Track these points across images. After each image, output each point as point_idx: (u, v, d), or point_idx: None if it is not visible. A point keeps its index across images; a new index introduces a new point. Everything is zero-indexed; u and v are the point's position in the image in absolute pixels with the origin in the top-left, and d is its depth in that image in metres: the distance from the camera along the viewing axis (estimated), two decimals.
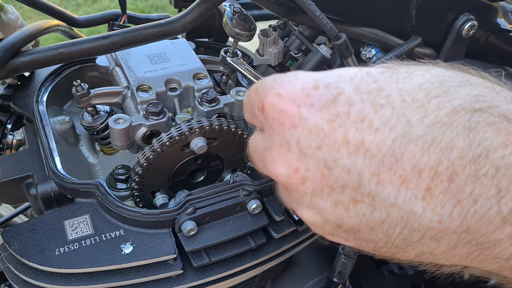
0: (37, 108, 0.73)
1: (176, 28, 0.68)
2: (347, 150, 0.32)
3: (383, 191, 0.32)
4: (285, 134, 0.35)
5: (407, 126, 0.31)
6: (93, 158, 0.77)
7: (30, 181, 0.66)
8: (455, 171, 0.29)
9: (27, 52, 0.64)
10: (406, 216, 0.31)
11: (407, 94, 0.32)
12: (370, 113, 0.32)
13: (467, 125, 0.29)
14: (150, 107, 0.65)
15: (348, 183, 0.33)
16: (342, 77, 0.34)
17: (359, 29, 0.87)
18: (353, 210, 0.34)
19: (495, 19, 0.97)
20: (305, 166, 0.34)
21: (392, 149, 0.31)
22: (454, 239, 0.31)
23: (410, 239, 0.33)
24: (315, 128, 0.33)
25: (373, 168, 0.31)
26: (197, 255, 0.63)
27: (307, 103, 0.34)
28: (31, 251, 0.59)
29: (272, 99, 0.35)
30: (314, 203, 0.35)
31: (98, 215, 0.63)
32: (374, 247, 0.36)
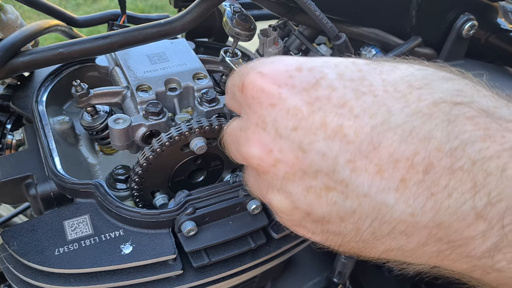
0: (37, 108, 0.73)
1: (176, 28, 0.68)
2: (324, 134, 0.31)
3: (357, 179, 0.31)
4: (262, 113, 0.34)
5: (387, 115, 0.30)
6: (93, 158, 0.77)
7: (30, 181, 0.66)
8: (431, 163, 0.29)
9: (26, 52, 0.64)
10: (378, 206, 0.31)
11: (389, 85, 0.32)
12: (351, 100, 0.31)
13: (446, 117, 0.29)
14: (150, 107, 0.65)
15: (322, 168, 0.32)
16: (326, 63, 0.34)
17: (359, 29, 0.87)
18: (325, 197, 0.33)
19: (495, 19, 0.97)
20: (279, 147, 0.33)
21: (370, 136, 0.30)
22: (425, 235, 0.30)
23: (379, 233, 0.32)
24: (294, 109, 0.33)
25: (349, 155, 0.31)
26: (197, 255, 0.63)
27: (288, 84, 0.33)
28: (31, 252, 0.58)
29: (253, 77, 0.35)
30: (285, 187, 0.34)
31: (98, 215, 0.63)
32: (341, 241, 0.35)
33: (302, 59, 0.35)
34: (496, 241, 0.28)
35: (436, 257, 0.32)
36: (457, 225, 0.29)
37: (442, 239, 0.30)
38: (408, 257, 0.33)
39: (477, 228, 0.28)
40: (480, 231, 0.28)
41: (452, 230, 0.29)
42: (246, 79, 0.35)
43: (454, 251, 0.30)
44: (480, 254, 0.29)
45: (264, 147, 0.34)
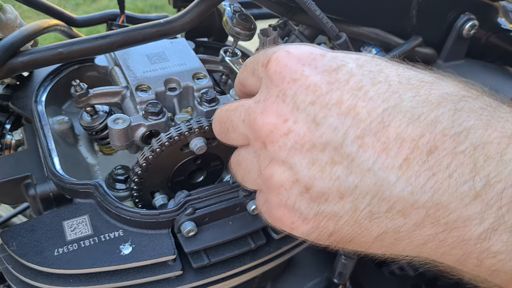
0: (36, 108, 0.73)
1: (175, 27, 0.68)
2: (338, 110, 0.34)
3: (363, 155, 0.32)
4: (284, 86, 0.36)
5: (399, 100, 0.32)
6: (92, 158, 0.76)
7: (29, 182, 0.66)
8: (435, 145, 0.30)
9: (26, 52, 0.64)
10: (379, 183, 0.32)
11: (404, 79, 0.34)
12: (367, 85, 0.34)
13: (453, 107, 0.31)
14: (149, 107, 0.65)
15: (331, 141, 0.34)
16: (348, 55, 0.37)
17: (360, 29, 0.87)
18: (329, 171, 0.34)
19: (495, 19, 0.97)
20: (294, 118, 0.35)
21: (381, 116, 0.32)
22: (422, 215, 0.31)
23: (377, 211, 0.33)
24: (314, 86, 0.35)
25: (359, 131, 0.33)
26: (196, 255, 0.63)
27: (311, 64, 0.36)
28: (30, 252, 0.58)
29: (280, 53, 0.38)
30: (291, 157, 0.36)
31: (97, 215, 0.62)
32: (334, 227, 0.36)
33: (326, 49, 0.38)
34: (493, 222, 0.29)
35: (431, 243, 0.32)
36: (455, 205, 0.30)
37: (438, 221, 0.31)
38: (402, 242, 0.34)
39: (475, 208, 0.29)
40: (478, 211, 0.29)
41: (449, 210, 0.30)
42: (273, 55, 0.38)
43: (450, 234, 0.31)
44: (476, 237, 0.29)
45: (281, 116, 0.36)
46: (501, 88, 0.93)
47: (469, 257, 0.31)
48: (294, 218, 0.37)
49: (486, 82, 0.94)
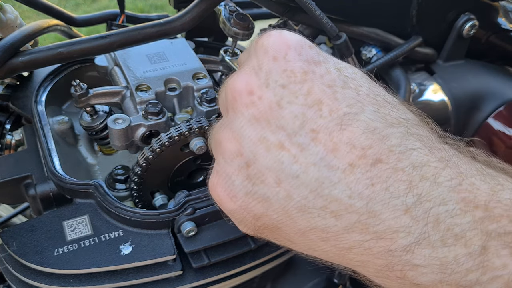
0: (36, 108, 0.73)
1: (175, 27, 0.68)
2: (304, 100, 0.35)
3: (313, 148, 0.33)
4: (263, 60, 0.38)
5: (360, 110, 0.34)
6: (92, 158, 0.76)
7: (29, 182, 0.66)
8: (380, 158, 0.32)
9: (26, 52, 0.64)
10: (321, 180, 0.33)
11: (372, 93, 0.36)
12: (338, 86, 0.35)
13: (405, 130, 0.33)
14: (149, 107, 0.65)
15: (287, 127, 0.34)
16: (333, 58, 0.39)
17: (360, 29, 0.87)
18: (274, 154, 0.34)
19: (496, 19, 0.97)
20: (260, 94, 0.36)
21: (341, 119, 0.33)
22: (353, 220, 0.32)
23: (311, 206, 0.33)
24: (290, 71, 0.36)
25: (316, 125, 0.34)
26: (196, 256, 0.63)
27: (297, 50, 0.37)
28: (30, 252, 0.58)
29: (273, 32, 0.39)
30: (243, 130, 0.36)
31: (97, 215, 0.62)
32: (262, 210, 0.36)
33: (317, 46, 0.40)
34: (418, 236, 0.30)
35: (356, 249, 0.33)
36: (386, 216, 0.31)
37: (368, 229, 0.31)
38: (327, 243, 0.34)
39: (403, 222, 0.30)
40: (405, 225, 0.30)
41: (380, 219, 0.31)
42: (267, 33, 0.39)
43: (377, 243, 0.31)
44: (401, 249, 0.30)
45: (248, 86, 0.37)
46: (501, 88, 0.93)
47: (393, 268, 0.31)
48: (225, 192, 0.37)
49: (486, 82, 0.94)
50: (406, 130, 0.33)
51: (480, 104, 0.93)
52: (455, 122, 0.93)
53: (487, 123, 0.92)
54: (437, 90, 0.93)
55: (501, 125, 0.91)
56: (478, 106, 0.93)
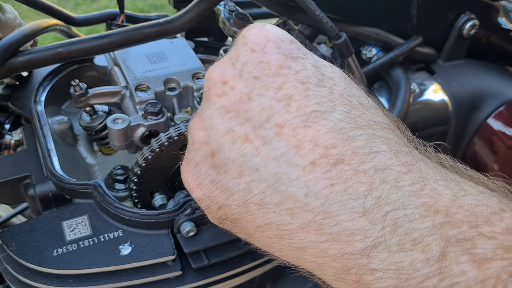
0: (35, 108, 0.73)
1: (175, 27, 0.68)
2: (274, 94, 0.34)
3: (276, 143, 0.33)
4: (241, 51, 0.37)
5: (330, 109, 0.33)
6: (92, 159, 0.76)
7: (28, 182, 0.66)
8: (342, 159, 0.31)
9: (25, 51, 0.64)
10: (279, 175, 0.32)
11: (347, 94, 0.35)
12: (312, 83, 0.35)
13: (372, 133, 0.33)
14: (149, 107, 0.65)
15: (253, 119, 0.34)
16: (314, 55, 0.38)
17: (360, 28, 0.87)
18: (239, 145, 0.34)
19: (496, 19, 0.97)
20: (233, 84, 0.36)
21: (307, 116, 0.33)
22: (308, 219, 0.31)
23: (267, 202, 0.33)
24: (266, 63, 0.36)
25: (282, 120, 0.33)
26: (196, 256, 0.63)
27: (276, 43, 0.37)
28: (29, 252, 0.58)
29: (255, 25, 0.39)
30: (212, 119, 0.36)
31: (97, 216, 0.62)
32: (224, 201, 0.36)
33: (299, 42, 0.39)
34: (374, 239, 0.29)
35: (311, 249, 0.32)
36: (342, 218, 0.30)
37: (323, 229, 0.31)
38: (282, 241, 0.34)
39: (360, 224, 0.30)
40: (362, 228, 0.30)
41: (336, 221, 0.30)
42: (249, 25, 0.39)
43: (333, 246, 0.31)
44: (357, 252, 0.30)
45: (223, 77, 0.37)
46: (501, 88, 0.93)
47: (349, 272, 0.31)
48: (192, 178, 0.38)
49: (486, 82, 0.94)
50: (373, 132, 0.33)
51: (480, 104, 0.93)
52: (455, 122, 0.93)
53: (487, 123, 0.92)
54: (437, 90, 0.93)
55: (501, 125, 0.91)
56: (478, 106, 0.93)
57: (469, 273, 0.26)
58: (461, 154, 0.96)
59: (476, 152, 0.94)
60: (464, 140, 0.95)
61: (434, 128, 0.94)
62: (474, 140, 0.93)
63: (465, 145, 0.95)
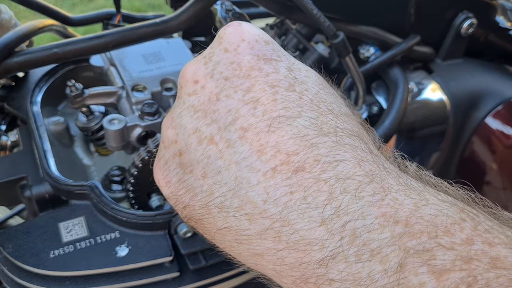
0: (32, 109, 0.72)
1: (171, 27, 0.67)
2: (242, 96, 0.34)
3: (239, 147, 0.32)
4: (214, 50, 0.37)
5: (297, 115, 0.33)
6: (88, 159, 0.76)
7: (25, 183, 0.66)
8: (304, 167, 0.31)
9: (21, 52, 0.63)
10: (240, 179, 0.32)
11: (317, 100, 0.35)
12: (282, 87, 0.34)
13: (337, 140, 0.32)
14: (145, 108, 0.64)
15: (220, 120, 0.34)
16: (290, 58, 0.38)
17: (357, 28, 0.86)
18: (204, 146, 0.34)
19: (494, 17, 0.97)
20: (203, 84, 0.36)
21: (271, 121, 0.32)
22: (266, 226, 0.31)
23: (227, 205, 0.33)
24: (237, 64, 0.36)
25: (247, 124, 0.33)
26: (193, 257, 0.62)
27: (250, 44, 0.36)
28: (26, 254, 0.58)
29: (232, 23, 0.38)
30: (181, 118, 0.36)
31: (93, 217, 0.62)
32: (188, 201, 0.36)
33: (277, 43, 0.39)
34: (332, 250, 0.29)
35: (269, 256, 0.32)
36: (300, 226, 0.30)
37: (281, 237, 0.30)
38: (241, 245, 0.33)
39: (318, 234, 0.29)
40: (320, 238, 0.29)
41: (294, 229, 0.30)
42: (227, 24, 0.39)
43: (291, 254, 0.30)
44: (316, 262, 0.29)
45: (195, 76, 0.37)
46: (500, 87, 0.93)
47: (307, 281, 0.30)
48: (162, 176, 0.38)
49: (485, 81, 0.94)
50: (338, 140, 0.32)
51: (478, 103, 0.93)
52: (454, 121, 0.92)
53: (485, 122, 0.91)
54: (435, 89, 0.93)
55: (499, 124, 0.91)
56: (477, 105, 0.93)
57: (427, 284, 0.26)
58: (459, 153, 0.96)
59: (474, 151, 0.94)
60: (462, 140, 0.94)
61: (433, 128, 0.94)
62: (473, 140, 0.93)
63: (463, 145, 0.94)
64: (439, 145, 0.95)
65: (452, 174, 0.98)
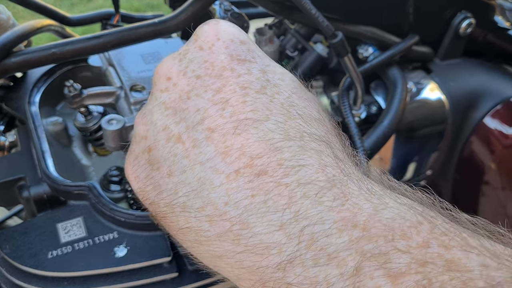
0: (30, 109, 0.72)
1: (170, 27, 0.67)
2: (211, 96, 0.34)
3: (204, 147, 0.32)
4: (189, 48, 0.37)
5: (265, 118, 0.33)
6: (87, 160, 0.76)
7: (23, 184, 0.65)
8: (266, 170, 0.30)
9: (19, 52, 0.63)
10: (203, 180, 0.32)
11: (288, 104, 0.34)
12: (252, 89, 0.34)
13: (302, 145, 0.32)
14: None
15: (188, 119, 0.34)
16: (265, 59, 0.38)
17: (356, 27, 0.86)
18: (172, 144, 0.34)
19: (492, 17, 0.97)
20: (176, 81, 0.36)
21: (238, 123, 0.32)
22: (226, 228, 0.31)
23: (190, 206, 0.33)
24: (210, 63, 0.35)
25: (214, 124, 0.33)
26: (192, 257, 0.62)
27: (225, 43, 0.36)
28: (24, 255, 0.58)
29: (210, 21, 0.38)
30: (152, 114, 0.36)
31: (92, 217, 0.62)
32: (154, 198, 0.36)
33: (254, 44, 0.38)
34: (290, 254, 0.28)
35: (228, 259, 0.32)
36: (259, 230, 0.30)
37: (239, 240, 0.30)
38: (201, 246, 0.33)
39: (276, 238, 0.29)
40: (278, 242, 0.29)
41: (252, 232, 0.30)
42: (208, 21, 0.38)
43: (249, 258, 0.30)
44: (274, 266, 0.29)
45: (169, 72, 0.36)
46: (498, 87, 0.93)
47: (265, 285, 0.30)
48: (131, 171, 0.38)
49: (483, 81, 0.94)
50: (303, 144, 0.32)
51: (477, 102, 0.93)
52: (453, 121, 0.92)
53: (484, 121, 0.91)
54: (434, 88, 0.93)
55: (498, 123, 0.91)
56: (476, 105, 0.93)
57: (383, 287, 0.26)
58: (458, 153, 0.96)
59: (473, 151, 0.94)
60: (461, 139, 0.95)
61: (431, 127, 0.94)
62: (471, 139, 0.93)
63: (462, 144, 0.95)
64: (438, 145, 0.95)
65: (451, 174, 0.98)
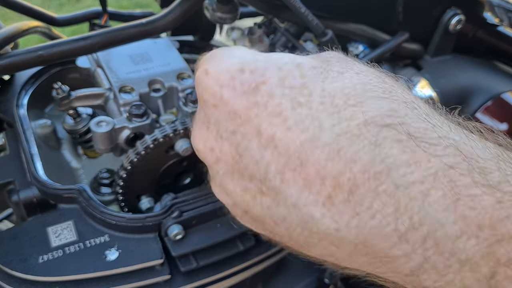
0: (18, 112, 0.71)
1: (158, 27, 0.66)
2: (258, 142, 0.32)
3: (286, 190, 0.31)
4: (207, 112, 0.35)
5: (318, 131, 0.30)
6: (76, 162, 0.75)
7: (12, 188, 0.65)
8: (356, 184, 0.29)
9: (5, 55, 0.62)
10: (305, 218, 0.31)
11: (328, 97, 0.31)
12: (286, 110, 0.32)
13: (373, 140, 0.29)
14: (133, 109, 0.63)
15: (255, 173, 0.33)
16: (270, 65, 0.34)
17: (346, 25, 0.86)
18: (259, 200, 0.33)
19: (482, 14, 0.97)
20: (220, 147, 0.35)
21: (298, 151, 0.30)
22: (351, 248, 0.30)
23: (310, 240, 0.32)
24: (233, 113, 0.33)
25: (280, 165, 0.31)
26: (184, 259, 0.62)
27: (229, 85, 0.34)
28: (14, 260, 0.57)
29: (200, 75, 0.36)
30: (225, 184, 0.35)
31: (82, 221, 0.61)
32: (280, 240, 0.36)
33: (247, 56, 0.35)
34: (419, 262, 0.28)
35: (368, 266, 0.32)
36: (381, 245, 0.29)
37: (368, 254, 0.30)
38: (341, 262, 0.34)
39: (401, 249, 0.28)
40: (403, 252, 0.28)
41: (377, 248, 0.29)
42: (197, 74, 0.36)
43: (383, 265, 0.30)
44: (407, 272, 0.29)
45: (207, 144, 0.36)
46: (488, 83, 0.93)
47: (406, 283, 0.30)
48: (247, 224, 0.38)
49: (474, 77, 0.94)
50: (375, 139, 0.29)
51: (468, 99, 0.93)
52: None
53: (475, 118, 0.92)
54: (424, 85, 0.93)
55: (489, 120, 0.91)
56: (466, 101, 0.93)
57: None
58: None
59: None
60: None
61: None
62: None
63: None
64: None
65: None
